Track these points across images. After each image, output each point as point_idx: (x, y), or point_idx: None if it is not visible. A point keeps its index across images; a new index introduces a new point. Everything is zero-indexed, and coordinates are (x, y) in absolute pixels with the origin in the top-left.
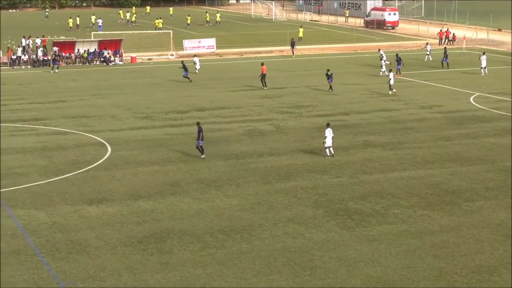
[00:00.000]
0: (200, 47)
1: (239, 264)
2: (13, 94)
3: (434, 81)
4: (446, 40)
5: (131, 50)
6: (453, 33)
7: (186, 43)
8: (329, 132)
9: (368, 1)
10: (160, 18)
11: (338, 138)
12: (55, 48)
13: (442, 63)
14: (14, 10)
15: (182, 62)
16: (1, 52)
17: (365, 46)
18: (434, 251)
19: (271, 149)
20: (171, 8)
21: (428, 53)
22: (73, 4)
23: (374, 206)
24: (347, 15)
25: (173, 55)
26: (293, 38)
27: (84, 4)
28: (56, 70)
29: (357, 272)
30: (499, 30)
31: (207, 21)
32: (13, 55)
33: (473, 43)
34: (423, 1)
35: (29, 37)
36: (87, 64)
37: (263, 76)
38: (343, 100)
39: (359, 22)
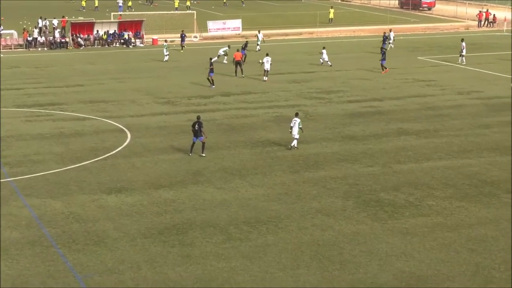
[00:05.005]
0: (225, 28)
1: (264, 258)
2: (29, 78)
3: (472, 65)
4: (486, 22)
5: (152, 31)
6: (494, 15)
7: (211, 24)
8: (294, 122)
9: None
10: None
11: (370, 125)
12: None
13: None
14: None
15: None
16: (16, 33)
17: (400, 28)
18: (471, 245)
19: (300, 137)
20: None
21: (391, 41)
22: None
23: (408, 197)
24: None
25: (196, 37)
26: (183, 31)
27: None
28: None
29: (389, 267)
30: None
31: (224, 2)
32: (29, 37)
33: None
34: None
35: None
36: (107, 46)
37: (237, 63)
38: (376, 86)
39: (394, 3)
